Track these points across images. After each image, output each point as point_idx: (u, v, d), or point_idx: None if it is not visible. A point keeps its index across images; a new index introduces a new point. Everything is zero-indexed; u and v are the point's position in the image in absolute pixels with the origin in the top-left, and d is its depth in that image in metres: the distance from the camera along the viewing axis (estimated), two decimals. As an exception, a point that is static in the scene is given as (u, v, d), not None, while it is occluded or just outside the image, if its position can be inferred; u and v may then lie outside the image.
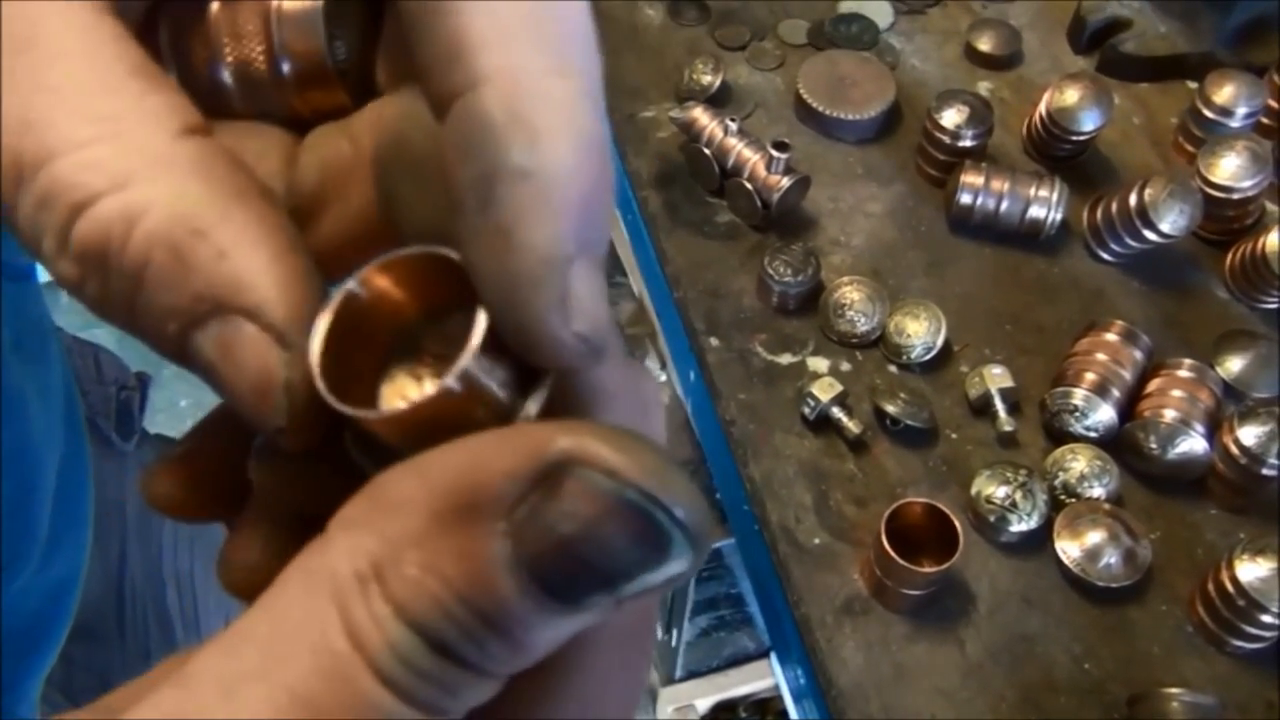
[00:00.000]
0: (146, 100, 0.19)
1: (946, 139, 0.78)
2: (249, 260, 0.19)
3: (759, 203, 0.77)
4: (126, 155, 0.19)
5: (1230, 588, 0.60)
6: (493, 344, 0.19)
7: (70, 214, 0.19)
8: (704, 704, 1.49)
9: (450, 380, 0.19)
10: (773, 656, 1.47)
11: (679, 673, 1.48)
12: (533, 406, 0.20)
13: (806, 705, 0.68)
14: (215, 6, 0.23)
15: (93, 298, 0.19)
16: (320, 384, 0.19)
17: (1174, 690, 0.58)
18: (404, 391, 0.21)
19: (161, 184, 0.19)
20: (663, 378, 1.31)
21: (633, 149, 0.84)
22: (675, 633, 1.41)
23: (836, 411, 0.69)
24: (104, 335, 1.02)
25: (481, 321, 0.19)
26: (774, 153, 0.75)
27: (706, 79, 0.84)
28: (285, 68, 0.23)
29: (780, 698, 1.45)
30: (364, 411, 0.19)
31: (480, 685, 0.18)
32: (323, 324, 0.20)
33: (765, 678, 1.48)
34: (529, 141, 0.18)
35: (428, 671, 0.18)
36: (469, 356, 0.19)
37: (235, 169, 0.20)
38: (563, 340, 0.19)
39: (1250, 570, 0.59)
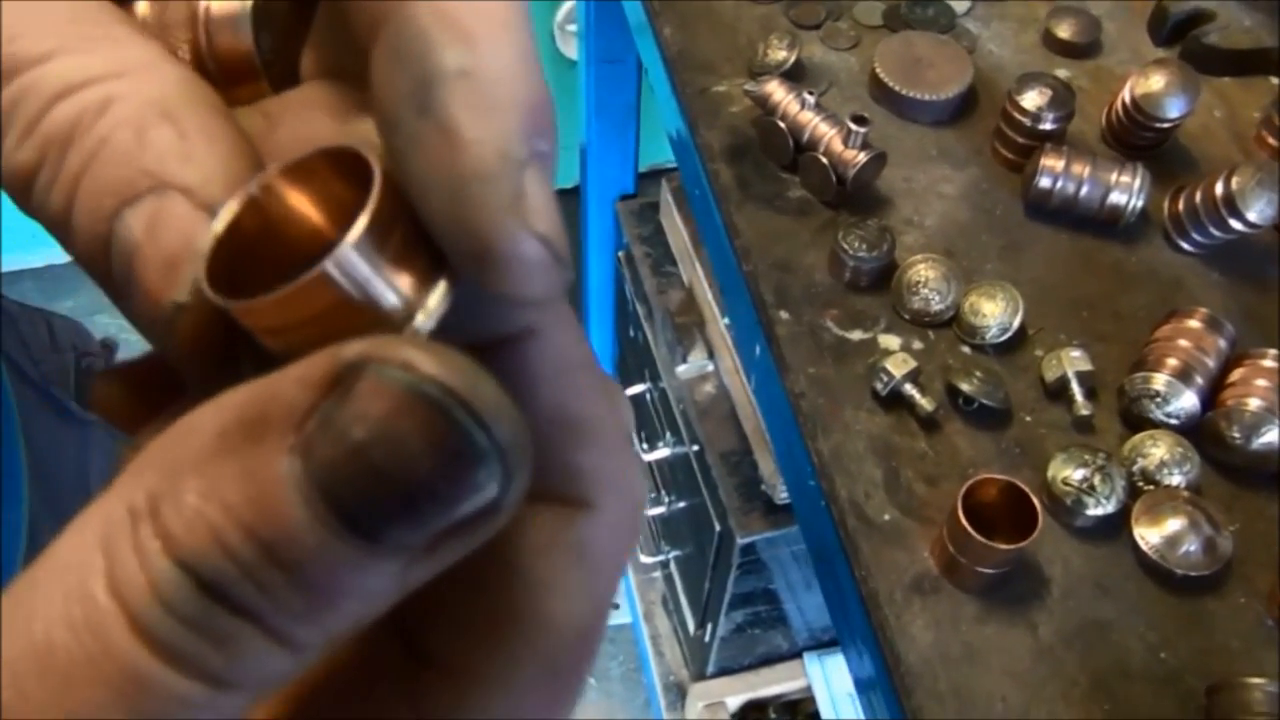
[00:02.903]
0: (135, 34, 0.20)
1: (1027, 121, 0.77)
2: (206, 147, 0.19)
3: (834, 178, 0.76)
4: (117, 60, 0.19)
5: (1316, 580, 0.58)
6: (383, 239, 0.17)
7: (50, 100, 0.19)
8: (734, 701, 1.47)
9: (322, 267, 0.16)
10: (805, 657, 1.46)
11: (711, 669, 1.47)
12: (426, 318, 0.18)
13: (874, 699, 0.67)
14: (143, 5, 0.23)
15: (42, 184, 0.19)
16: (203, 278, 0.18)
17: (1258, 680, 0.56)
18: None
19: (145, 80, 0.19)
20: (710, 367, 1.30)
21: (704, 123, 0.83)
22: (710, 627, 1.39)
23: (909, 388, 0.68)
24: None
25: (368, 208, 0.17)
26: (853, 126, 0.74)
27: (781, 54, 0.83)
28: (212, 66, 0.23)
29: (812, 699, 1.43)
30: (229, 300, 0.17)
31: (269, 649, 0.15)
32: (220, 223, 0.18)
33: (797, 678, 1.46)
34: (465, 44, 0.17)
35: (195, 619, 0.15)
36: (348, 245, 0.17)
37: (213, 93, 0.20)
38: (520, 239, 0.17)
39: (1339, 562, 0.58)
